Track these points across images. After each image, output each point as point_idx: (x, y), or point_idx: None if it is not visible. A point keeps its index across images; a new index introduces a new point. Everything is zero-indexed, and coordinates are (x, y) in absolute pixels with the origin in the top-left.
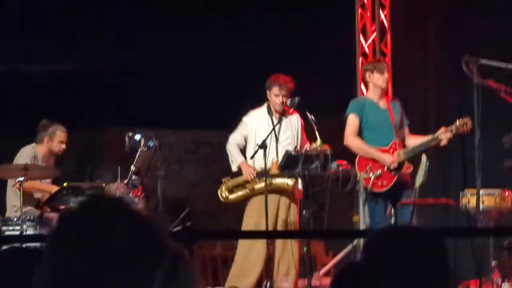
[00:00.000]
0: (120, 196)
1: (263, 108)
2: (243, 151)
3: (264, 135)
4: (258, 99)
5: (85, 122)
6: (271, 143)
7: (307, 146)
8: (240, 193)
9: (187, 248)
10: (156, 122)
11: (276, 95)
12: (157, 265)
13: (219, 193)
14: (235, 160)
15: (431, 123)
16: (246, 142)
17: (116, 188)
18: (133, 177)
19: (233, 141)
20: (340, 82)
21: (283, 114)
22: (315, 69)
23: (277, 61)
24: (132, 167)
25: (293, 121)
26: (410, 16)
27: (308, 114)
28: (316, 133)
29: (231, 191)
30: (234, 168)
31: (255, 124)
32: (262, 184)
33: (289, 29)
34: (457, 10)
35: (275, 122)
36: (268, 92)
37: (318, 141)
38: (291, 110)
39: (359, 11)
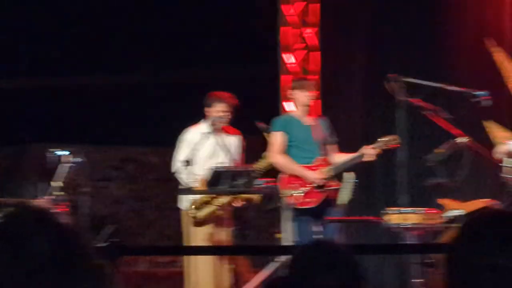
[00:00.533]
0: (45, 208)
1: (202, 125)
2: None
3: (207, 152)
4: (181, 117)
5: (9, 138)
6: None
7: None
8: (207, 210)
9: (111, 264)
10: (81, 139)
11: (219, 111)
12: (82, 278)
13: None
14: (190, 183)
15: (358, 140)
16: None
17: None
18: (57, 193)
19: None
20: (264, 100)
21: (222, 131)
22: (239, 87)
23: (199, 80)
24: (56, 183)
25: (233, 141)
26: (336, 34)
27: (257, 124)
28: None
29: (198, 208)
30: None
31: (196, 140)
32: (228, 198)
33: (211, 48)
34: (383, 28)
35: (217, 138)
36: (207, 108)
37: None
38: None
39: (283, 29)
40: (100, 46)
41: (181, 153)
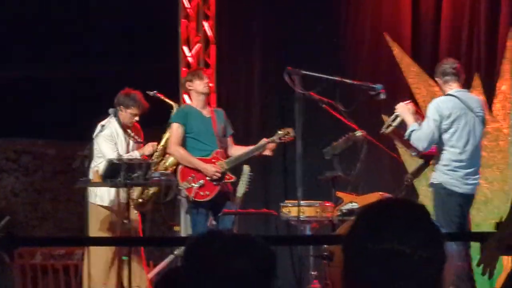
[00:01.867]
0: None
1: (113, 122)
2: None
3: (122, 148)
4: (78, 111)
5: None
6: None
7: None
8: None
9: (7, 255)
10: None
11: (133, 114)
12: None
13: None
14: None
15: (254, 133)
16: None
17: None
18: None
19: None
20: (163, 92)
21: (130, 129)
22: (139, 79)
23: (99, 74)
24: None
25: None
26: (234, 27)
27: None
28: None
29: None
30: None
31: (115, 136)
32: None
33: (110, 42)
34: (281, 21)
35: (127, 135)
36: (122, 107)
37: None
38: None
39: (183, 21)
40: None
41: (112, 150)
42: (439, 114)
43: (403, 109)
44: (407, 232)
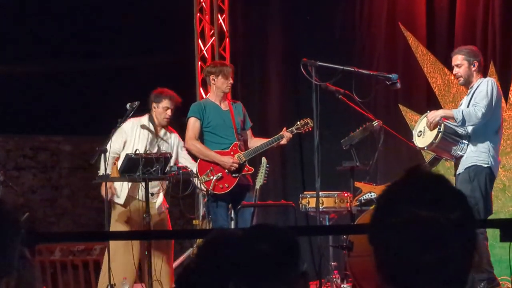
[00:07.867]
0: None
1: (145, 119)
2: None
3: (141, 145)
4: (94, 106)
5: None
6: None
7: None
8: None
9: (28, 251)
10: None
11: (165, 108)
12: (14, 249)
13: None
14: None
15: (273, 125)
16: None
17: None
18: None
19: (112, 152)
20: (180, 86)
21: (165, 127)
22: (154, 72)
23: (114, 68)
24: None
25: (172, 139)
26: (249, 19)
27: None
28: None
29: None
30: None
31: (135, 132)
32: None
33: (126, 36)
34: (296, 13)
35: (156, 133)
36: (154, 104)
37: None
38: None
39: (198, 15)
40: (12, 33)
41: (115, 143)
42: (496, 94)
43: (434, 113)
44: (426, 197)
